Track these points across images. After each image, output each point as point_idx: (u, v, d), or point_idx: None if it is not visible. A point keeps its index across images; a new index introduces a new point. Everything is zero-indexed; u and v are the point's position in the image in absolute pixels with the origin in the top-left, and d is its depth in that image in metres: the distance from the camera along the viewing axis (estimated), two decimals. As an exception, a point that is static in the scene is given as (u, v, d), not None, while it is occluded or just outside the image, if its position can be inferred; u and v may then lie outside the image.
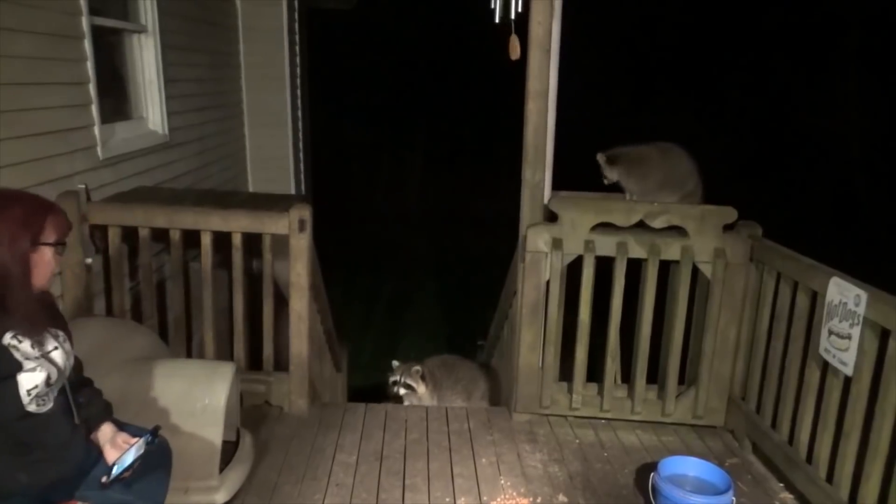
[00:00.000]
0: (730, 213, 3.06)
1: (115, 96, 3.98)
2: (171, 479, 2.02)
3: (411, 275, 9.31)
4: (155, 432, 1.88)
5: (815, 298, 2.63)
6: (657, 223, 3.07)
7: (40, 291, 1.76)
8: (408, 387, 3.57)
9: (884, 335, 2.28)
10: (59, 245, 1.74)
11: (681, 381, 3.27)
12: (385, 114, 15.00)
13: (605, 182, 3.28)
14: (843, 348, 2.42)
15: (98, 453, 1.88)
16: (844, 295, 2.42)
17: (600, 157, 3.26)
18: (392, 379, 3.61)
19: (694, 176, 3.31)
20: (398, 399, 3.63)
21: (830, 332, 2.48)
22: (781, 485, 2.85)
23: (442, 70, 15.51)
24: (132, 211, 3.21)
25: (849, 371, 2.39)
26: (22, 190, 1.76)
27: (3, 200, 1.67)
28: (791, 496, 2.77)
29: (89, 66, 3.35)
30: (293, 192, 6.40)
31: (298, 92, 6.59)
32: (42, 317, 1.75)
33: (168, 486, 2.00)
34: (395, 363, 3.71)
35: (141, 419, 2.07)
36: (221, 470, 2.56)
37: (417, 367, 3.61)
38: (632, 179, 3.25)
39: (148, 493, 1.91)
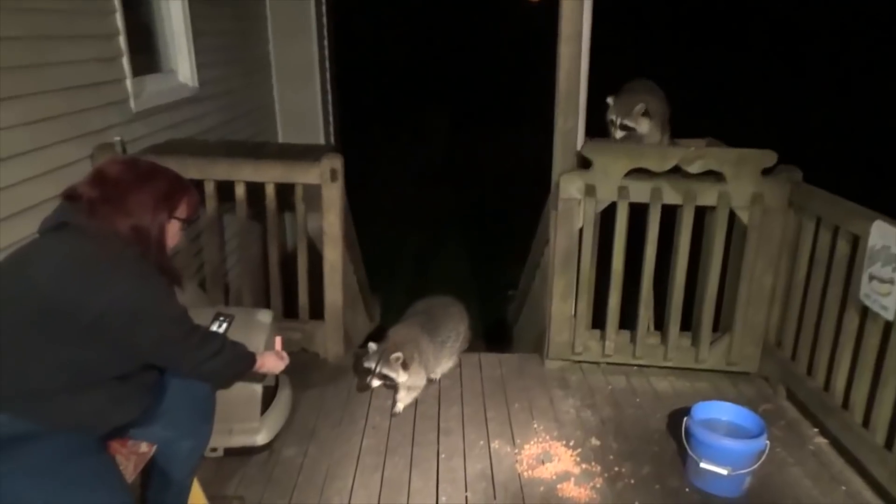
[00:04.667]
0: (769, 157, 2.98)
1: (145, 49, 3.98)
2: (215, 420, 2.10)
3: (439, 228, 9.31)
4: (220, 316, 2.28)
5: (857, 243, 2.57)
6: (693, 168, 3.01)
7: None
8: (384, 377, 2.86)
9: (928, 278, 2.24)
10: (187, 222, 1.91)
11: (714, 328, 3.26)
12: (410, 67, 14.82)
13: (618, 136, 3.16)
14: (885, 293, 2.37)
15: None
16: (887, 239, 2.36)
17: (638, 108, 3.10)
18: (366, 365, 2.90)
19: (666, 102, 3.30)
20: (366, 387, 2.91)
21: (872, 277, 2.43)
22: (816, 430, 2.85)
23: (469, 23, 15.22)
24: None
25: (890, 315, 2.35)
26: (167, 167, 1.90)
27: (151, 173, 1.83)
28: (825, 441, 2.77)
29: (118, 18, 3.34)
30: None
31: (325, 43, 6.51)
32: (179, 273, 1.95)
33: (212, 427, 2.07)
34: (372, 346, 2.92)
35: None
36: (262, 413, 2.65)
37: (398, 354, 2.84)
38: (655, 127, 3.17)
39: (192, 431, 1.99)
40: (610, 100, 3.19)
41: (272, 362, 2.28)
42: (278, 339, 2.44)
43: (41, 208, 2.64)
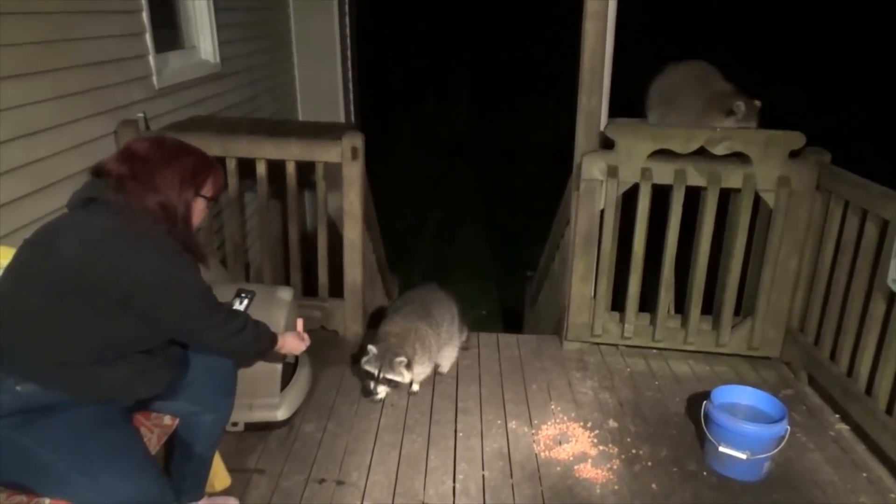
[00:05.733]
0: (797, 139, 2.92)
1: (168, 25, 3.98)
2: (236, 396, 2.13)
3: (459, 207, 9.29)
4: (242, 292, 2.32)
5: (886, 228, 2.52)
6: (718, 150, 2.95)
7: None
8: (390, 383, 2.74)
9: (959, 265, 2.19)
10: (212, 200, 1.92)
11: (736, 312, 3.22)
12: (432, 44, 14.69)
13: None
14: (914, 279, 2.33)
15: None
16: (918, 223, 2.31)
17: (758, 103, 2.93)
18: (367, 369, 2.74)
19: None
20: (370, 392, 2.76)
21: (900, 263, 2.39)
22: (837, 416, 2.82)
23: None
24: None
25: (918, 302, 2.31)
26: (193, 145, 1.91)
27: (178, 151, 1.84)
28: (847, 427, 2.75)
29: (141, -7, 3.35)
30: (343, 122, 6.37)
31: (346, 20, 6.47)
32: (203, 250, 1.95)
33: (233, 402, 2.10)
34: (372, 349, 2.76)
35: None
36: (282, 389, 2.68)
37: (401, 358, 2.71)
38: None
39: (214, 406, 2.03)
40: (741, 105, 2.94)
41: (293, 343, 2.30)
42: (300, 321, 2.46)
43: (68, 183, 2.68)
